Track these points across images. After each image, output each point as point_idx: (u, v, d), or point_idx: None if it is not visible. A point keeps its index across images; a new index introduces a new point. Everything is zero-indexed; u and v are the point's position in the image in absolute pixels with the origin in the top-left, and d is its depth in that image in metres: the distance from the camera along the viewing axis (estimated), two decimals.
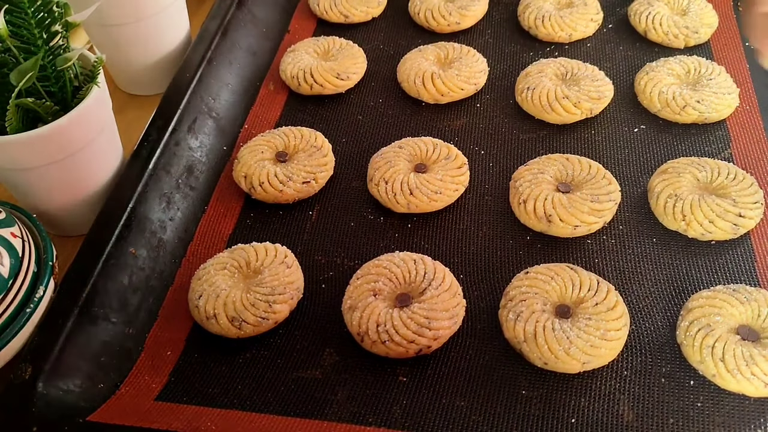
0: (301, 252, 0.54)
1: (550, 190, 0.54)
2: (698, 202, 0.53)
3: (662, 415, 0.43)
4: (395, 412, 0.44)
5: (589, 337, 0.45)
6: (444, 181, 0.56)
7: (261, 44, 0.72)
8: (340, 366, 0.47)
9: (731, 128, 0.61)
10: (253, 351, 0.48)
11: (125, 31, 0.65)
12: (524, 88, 0.63)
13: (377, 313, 0.47)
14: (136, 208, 0.52)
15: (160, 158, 0.55)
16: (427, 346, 0.46)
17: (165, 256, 0.53)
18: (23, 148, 0.49)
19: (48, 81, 0.50)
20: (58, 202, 0.55)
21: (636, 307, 0.49)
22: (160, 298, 0.52)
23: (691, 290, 0.50)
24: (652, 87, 0.62)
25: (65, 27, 0.51)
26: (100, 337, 0.47)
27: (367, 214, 0.57)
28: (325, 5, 0.75)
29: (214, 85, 0.64)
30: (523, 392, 0.45)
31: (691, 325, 0.46)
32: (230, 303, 0.48)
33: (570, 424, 0.43)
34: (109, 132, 0.55)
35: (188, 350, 0.49)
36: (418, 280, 0.49)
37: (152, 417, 0.44)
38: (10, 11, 0.47)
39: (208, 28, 0.68)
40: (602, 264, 0.52)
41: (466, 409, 0.44)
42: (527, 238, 0.54)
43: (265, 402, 0.45)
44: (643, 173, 0.58)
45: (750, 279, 0.50)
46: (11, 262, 0.46)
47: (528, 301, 0.47)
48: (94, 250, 0.49)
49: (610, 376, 0.45)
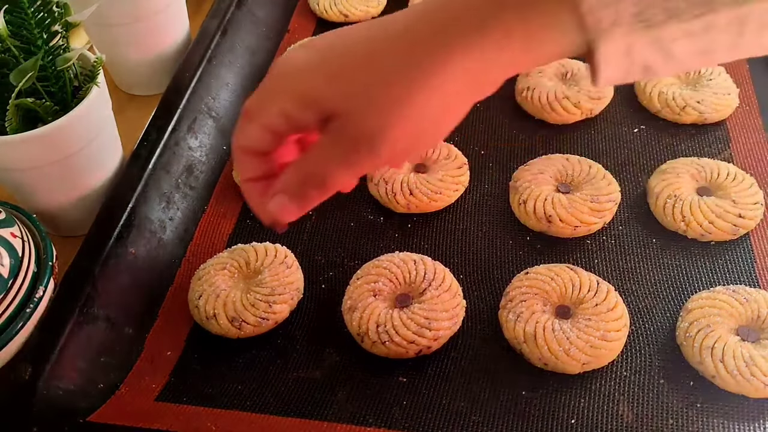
0: (301, 252, 0.54)
1: (550, 190, 0.55)
2: (698, 202, 0.53)
3: (662, 416, 0.43)
4: (395, 413, 0.44)
5: (589, 338, 0.45)
6: (444, 181, 0.56)
7: (261, 44, 0.72)
8: (340, 366, 0.47)
9: (731, 128, 0.61)
10: (253, 351, 0.48)
11: (125, 31, 0.65)
12: (524, 88, 0.63)
13: (377, 314, 0.47)
14: (136, 208, 0.52)
15: (159, 158, 0.55)
16: (427, 347, 0.46)
17: (165, 256, 0.53)
18: (23, 148, 0.49)
19: (48, 81, 0.50)
20: (58, 202, 0.55)
21: (636, 307, 0.49)
22: (160, 298, 0.52)
23: (690, 291, 0.50)
24: (651, 87, 0.62)
25: (65, 27, 0.51)
26: (100, 337, 0.47)
27: (367, 214, 0.57)
28: (325, 4, 0.75)
29: (214, 85, 0.64)
30: (523, 393, 0.45)
31: (691, 325, 0.46)
32: (230, 303, 0.48)
33: (570, 424, 0.43)
34: (109, 132, 0.55)
35: (188, 350, 0.49)
36: (418, 280, 0.49)
37: (152, 417, 0.44)
38: (10, 11, 0.47)
39: (208, 27, 0.67)
40: (602, 264, 0.52)
41: (466, 410, 0.44)
42: (527, 238, 0.54)
43: (265, 402, 0.45)
44: (642, 173, 0.58)
45: (750, 280, 0.50)
46: (11, 262, 0.46)
47: (528, 301, 0.47)
48: (94, 250, 0.49)
49: (610, 377, 0.45)
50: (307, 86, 0.36)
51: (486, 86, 0.35)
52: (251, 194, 0.41)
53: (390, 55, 0.34)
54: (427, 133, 0.37)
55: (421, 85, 0.34)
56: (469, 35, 0.33)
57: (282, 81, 0.38)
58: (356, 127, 0.36)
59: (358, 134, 0.36)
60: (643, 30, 0.30)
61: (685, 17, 0.30)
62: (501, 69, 0.34)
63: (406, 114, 0.35)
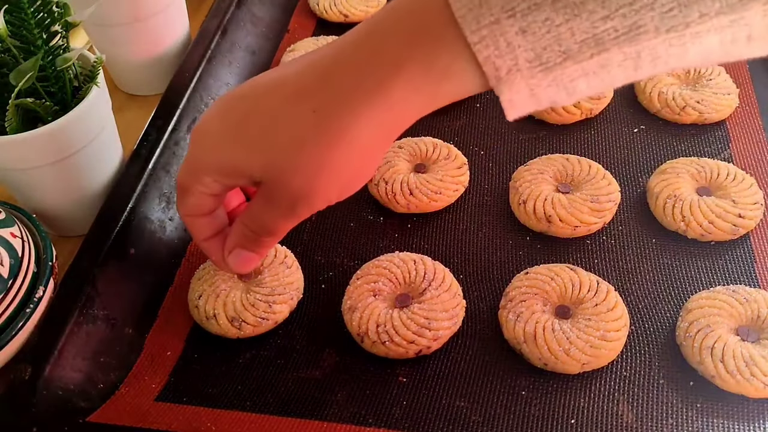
0: (301, 252, 0.54)
1: (550, 190, 0.55)
2: (698, 202, 0.53)
3: (662, 416, 0.43)
4: (395, 413, 0.44)
5: (589, 338, 0.45)
6: (444, 181, 0.56)
7: (260, 44, 0.72)
8: (340, 366, 0.47)
9: (731, 128, 0.61)
10: (253, 351, 0.48)
11: (125, 31, 0.65)
12: None
13: (377, 314, 0.47)
14: (136, 208, 0.52)
15: (159, 158, 0.55)
16: (427, 347, 0.46)
17: (165, 256, 0.53)
18: (23, 148, 0.49)
19: (48, 81, 0.50)
20: (58, 202, 0.55)
21: (636, 307, 0.49)
22: (160, 298, 0.52)
23: (690, 291, 0.50)
24: (651, 87, 0.62)
25: (65, 27, 0.51)
26: (100, 337, 0.47)
27: (366, 214, 0.57)
28: (325, 4, 0.75)
29: (214, 85, 0.64)
30: (522, 393, 0.45)
31: (691, 325, 0.46)
32: (230, 303, 0.48)
33: (570, 424, 0.43)
34: (109, 132, 0.55)
35: (188, 350, 0.49)
36: (418, 280, 0.49)
37: (152, 417, 0.44)
38: (10, 11, 0.47)
39: (208, 27, 0.67)
40: (602, 264, 0.52)
41: (466, 410, 0.44)
42: (527, 238, 0.54)
43: (264, 402, 0.45)
44: (642, 173, 0.58)
45: (749, 280, 0.50)
46: (11, 262, 0.46)
47: (528, 301, 0.47)
48: (94, 250, 0.49)
49: (609, 377, 0.45)
50: (228, 159, 0.38)
51: (401, 128, 0.36)
52: (211, 253, 0.43)
53: (301, 120, 0.35)
54: (355, 179, 0.38)
55: (335, 146, 0.35)
56: (372, 98, 0.34)
57: (204, 154, 0.39)
58: (285, 191, 0.37)
59: (289, 196, 0.37)
60: (543, 73, 0.31)
61: (580, 58, 0.30)
62: (413, 113, 0.35)
63: (326, 173, 0.36)
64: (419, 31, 0.32)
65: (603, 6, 0.29)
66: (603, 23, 0.29)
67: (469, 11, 0.30)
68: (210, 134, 0.39)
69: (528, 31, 0.30)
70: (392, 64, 0.33)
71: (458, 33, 0.31)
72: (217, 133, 0.38)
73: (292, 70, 0.37)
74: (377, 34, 0.34)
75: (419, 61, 0.32)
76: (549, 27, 0.29)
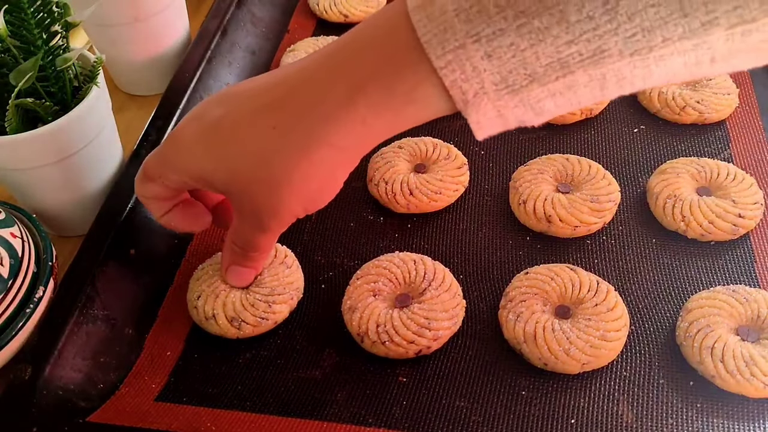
0: (300, 252, 0.54)
1: (550, 190, 0.55)
2: (698, 202, 0.53)
3: (662, 416, 0.43)
4: (395, 413, 0.44)
5: (589, 338, 0.45)
6: (444, 181, 0.56)
7: (260, 44, 0.72)
8: (340, 366, 0.47)
9: (731, 128, 0.61)
10: (253, 351, 0.48)
11: (125, 31, 0.65)
12: None
13: (377, 314, 0.47)
14: (136, 208, 0.52)
15: None
16: (427, 347, 0.46)
17: (165, 257, 0.53)
18: (23, 148, 0.49)
19: (48, 81, 0.50)
20: (58, 202, 0.55)
21: (636, 307, 0.49)
22: (160, 299, 0.52)
23: (690, 291, 0.50)
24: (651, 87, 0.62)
25: (65, 27, 0.51)
26: (100, 337, 0.47)
27: (366, 214, 0.57)
28: (325, 5, 0.75)
29: (214, 85, 0.64)
30: (522, 393, 0.45)
31: (691, 325, 0.46)
32: (229, 303, 0.48)
33: (570, 424, 0.43)
34: (109, 132, 0.55)
35: (188, 351, 0.49)
36: (418, 280, 0.49)
37: (152, 417, 0.44)
38: (10, 11, 0.47)
39: (208, 27, 0.67)
40: (602, 264, 0.52)
41: (466, 410, 0.44)
42: (527, 238, 0.54)
43: (264, 402, 0.45)
44: (642, 173, 0.58)
45: (749, 280, 0.50)
46: (11, 262, 0.46)
47: (528, 301, 0.47)
48: (94, 250, 0.49)
49: (609, 377, 0.45)
50: (197, 167, 0.39)
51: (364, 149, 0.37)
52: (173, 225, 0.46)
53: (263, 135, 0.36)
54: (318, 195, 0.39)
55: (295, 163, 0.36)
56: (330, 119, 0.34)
57: (176, 156, 0.40)
58: (250, 204, 0.38)
59: (254, 209, 0.38)
60: (509, 95, 0.31)
61: (546, 80, 0.30)
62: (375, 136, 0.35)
63: (287, 188, 0.37)
64: (384, 55, 0.32)
65: (567, 31, 0.29)
66: (567, 48, 0.29)
67: (434, 36, 0.30)
68: (184, 137, 0.39)
69: (493, 56, 0.30)
70: (354, 87, 0.33)
71: (423, 57, 0.31)
72: (190, 137, 0.39)
73: (270, 81, 0.37)
74: (342, 53, 0.34)
75: (382, 85, 0.32)
76: (514, 51, 0.30)
